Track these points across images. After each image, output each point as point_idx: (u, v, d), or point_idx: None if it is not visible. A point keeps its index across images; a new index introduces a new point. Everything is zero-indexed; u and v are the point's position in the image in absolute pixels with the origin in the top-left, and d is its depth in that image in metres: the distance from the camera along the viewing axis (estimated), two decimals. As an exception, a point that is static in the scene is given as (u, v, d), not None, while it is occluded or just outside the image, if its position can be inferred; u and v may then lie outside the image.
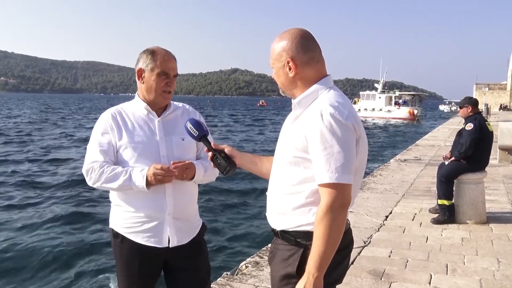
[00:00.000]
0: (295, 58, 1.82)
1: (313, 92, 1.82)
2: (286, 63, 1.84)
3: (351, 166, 1.70)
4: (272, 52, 1.88)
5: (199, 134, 2.17)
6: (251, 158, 2.17)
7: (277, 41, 1.87)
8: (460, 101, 6.43)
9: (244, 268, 4.45)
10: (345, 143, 1.69)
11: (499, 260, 4.64)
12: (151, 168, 2.20)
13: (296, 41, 1.83)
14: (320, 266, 1.68)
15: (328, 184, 1.67)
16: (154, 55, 2.30)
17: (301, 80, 1.84)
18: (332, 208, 1.66)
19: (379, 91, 59.52)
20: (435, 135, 21.58)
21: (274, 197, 1.91)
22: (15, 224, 8.70)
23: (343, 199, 1.68)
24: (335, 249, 1.70)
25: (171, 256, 2.36)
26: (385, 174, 10.01)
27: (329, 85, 1.86)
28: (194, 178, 2.33)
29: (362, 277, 4.20)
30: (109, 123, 2.31)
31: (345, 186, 1.68)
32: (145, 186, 2.20)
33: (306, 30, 1.89)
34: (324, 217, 1.67)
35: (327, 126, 1.68)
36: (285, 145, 1.85)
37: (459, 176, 6.01)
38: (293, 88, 1.87)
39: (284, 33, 1.87)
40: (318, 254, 1.67)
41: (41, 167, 15.67)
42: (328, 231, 1.66)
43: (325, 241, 1.66)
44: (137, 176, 2.21)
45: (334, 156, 1.67)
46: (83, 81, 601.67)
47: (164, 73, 2.29)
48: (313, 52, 1.85)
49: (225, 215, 9.84)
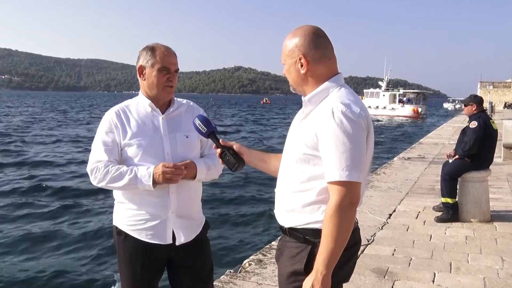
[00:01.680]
0: (307, 54, 1.82)
1: (324, 89, 1.82)
2: (298, 60, 1.84)
3: (361, 165, 1.70)
4: (284, 48, 1.88)
5: (207, 130, 2.17)
6: (259, 155, 2.17)
7: (290, 38, 1.87)
8: (464, 99, 6.41)
9: (247, 265, 4.45)
10: (356, 141, 1.69)
11: (503, 259, 4.63)
12: (160, 166, 2.20)
13: (308, 38, 1.83)
14: (329, 264, 1.68)
15: (338, 182, 1.67)
16: (153, 51, 2.29)
17: (313, 77, 1.84)
18: (341, 206, 1.66)
19: (383, 89, 59.42)
20: (439, 133, 21.52)
21: (283, 194, 1.91)
22: (15, 224, 8.72)
23: (352, 197, 1.68)
24: (343, 247, 1.70)
25: (175, 253, 2.36)
26: (389, 172, 9.99)
27: (340, 83, 1.86)
28: (197, 176, 2.32)
29: (365, 275, 4.19)
30: (114, 122, 2.31)
31: (354, 184, 1.68)
32: (151, 185, 2.20)
33: (318, 27, 1.88)
34: (334, 215, 1.67)
35: (338, 123, 1.68)
36: (295, 142, 1.85)
37: (463, 174, 6.00)
38: (304, 85, 1.87)
39: (297, 30, 1.87)
40: (326, 252, 1.68)
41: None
42: (337, 229, 1.66)
43: (334, 239, 1.66)
44: (143, 174, 2.21)
45: (345, 154, 1.67)
46: (87, 79, 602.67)
47: (165, 68, 2.29)
48: (325, 49, 1.85)
49: (228, 212, 9.84)
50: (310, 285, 1.70)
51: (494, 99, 60.34)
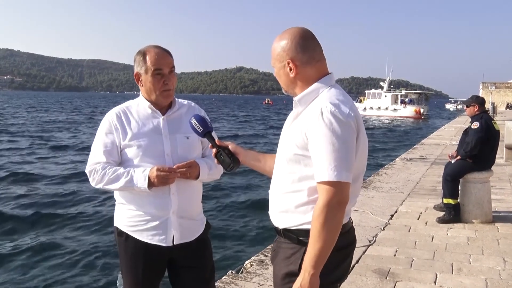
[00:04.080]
0: (295, 58, 1.82)
1: (314, 90, 1.83)
2: (286, 64, 1.84)
3: (350, 165, 1.70)
4: (273, 52, 1.89)
5: (203, 130, 2.17)
6: (255, 155, 2.17)
7: (277, 41, 1.87)
8: (467, 99, 6.40)
9: (249, 266, 4.45)
10: (345, 142, 1.69)
11: (505, 260, 4.62)
12: (154, 170, 2.20)
13: (295, 41, 1.83)
14: (316, 264, 1.68)
15: (327, 182, 1.67)
16: (144, 56, 2.27)
17: (302, 80, 1.85)
18: (329, 206, 1.66)
19: (385, 90, 59.36)
20: (441, 134, 21.49)
21: (276, 195, 1.91)
22: (15, 223, 8.72)
23: (341, 197, 1.68)
24: (331, 247, 1.69)
25: (176, 254, 2.36)
26: (391, 173, 9.98)
27: (330, 83, 1.86)
28: (199, 177, 2.33)
29: (367, 276, 4.19)
30: (114, 123, 2.31)
31: (343, 184, 1.67)
32: (147, 187, 2.20)
33: (306, 29, 1.88)
34: (321, 215, 1.66)
35: (327, 124, 1.68)
36: (286, 142, 1.86)
37: (465, 175, 5.99)
38: (294, 87, 1.88)
39: (284, 33, 1.87)
40: (314, 252, 1.67)
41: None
42: (324, 229, 1.66)
43: (321, 239, 1.66)
44: (139, 177, 2.21)
45: (333, 154, 1.67)
46: (89, 80, 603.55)
47: (158, 70, 2.26)
48: (313, 52, 1.85)
49: (230, 213, 9.83)
50: (298, 285, 1.70)
51: (496, 100, 60.27)
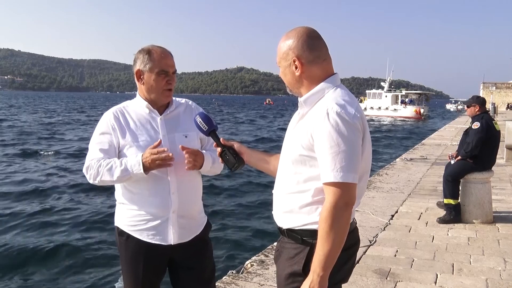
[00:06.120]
0: (301, 57, 1.82)
1: (319, 90, 1.82)
2: (292, 62, 1.84)
3: (356, 165, 1.70)
4: (279, 50, 1.88)
5: (208, 128, 2.16)
6: (260, 155, 2.17)
7: (284, 40, 1.87)
8: (467, 100, 6.40)
9: (250, 266, 4.45)
10: (351, 142, 1.69)
11: (506, 260, 4.62)
12: (147, 153, 2.18)
13: (302, 39, 1.82)
14: (325, 265, 1.68)
15: (333, 183, 1.67)
16: (150, 54, 2.27)
17: (307, 79, 1.84)
18: (336, 207, 1.66)
19: (386, 90, 59.36)
20: (442, 134, 21.47)
21: (280, 196, 1.91)
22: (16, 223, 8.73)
23: (347, 198, 1.68)
24: (340, 248, 1.70)
25: (176, 254, 2.36)
26: (391, 173, 9.98)
27: (336, 83, 1.85)
28: (202, 167, 2.32)
29: (367, 276, 4.19)
30: (111, 123, 2.31)
31: (350, 185, 1.68)
32: (143, 171, 2.18)
33: (312, 28, 1.88)
34: (329, 216, 1.66)
35: (333, 124, 1.68)
36: (291, 143, 1.85)
37: (466, 176, 5.99)
38: (299, 86, 1.87)
39: (291, 32, 1.87)
40: (323, 253, 1.67)
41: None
42: (332, 230, 1.66)
43: (330, 240, 1.66)
44: (133, 163, 2.19)
45: (340, 155, 1.66)
46: (89, 80, 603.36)
47: (163, 71, 2.27)
48: (319, 51, 1.84)
49: (230, 213, 9.84)
50: (307, 286, 1.70)
51: (497, 100, 60.26)
